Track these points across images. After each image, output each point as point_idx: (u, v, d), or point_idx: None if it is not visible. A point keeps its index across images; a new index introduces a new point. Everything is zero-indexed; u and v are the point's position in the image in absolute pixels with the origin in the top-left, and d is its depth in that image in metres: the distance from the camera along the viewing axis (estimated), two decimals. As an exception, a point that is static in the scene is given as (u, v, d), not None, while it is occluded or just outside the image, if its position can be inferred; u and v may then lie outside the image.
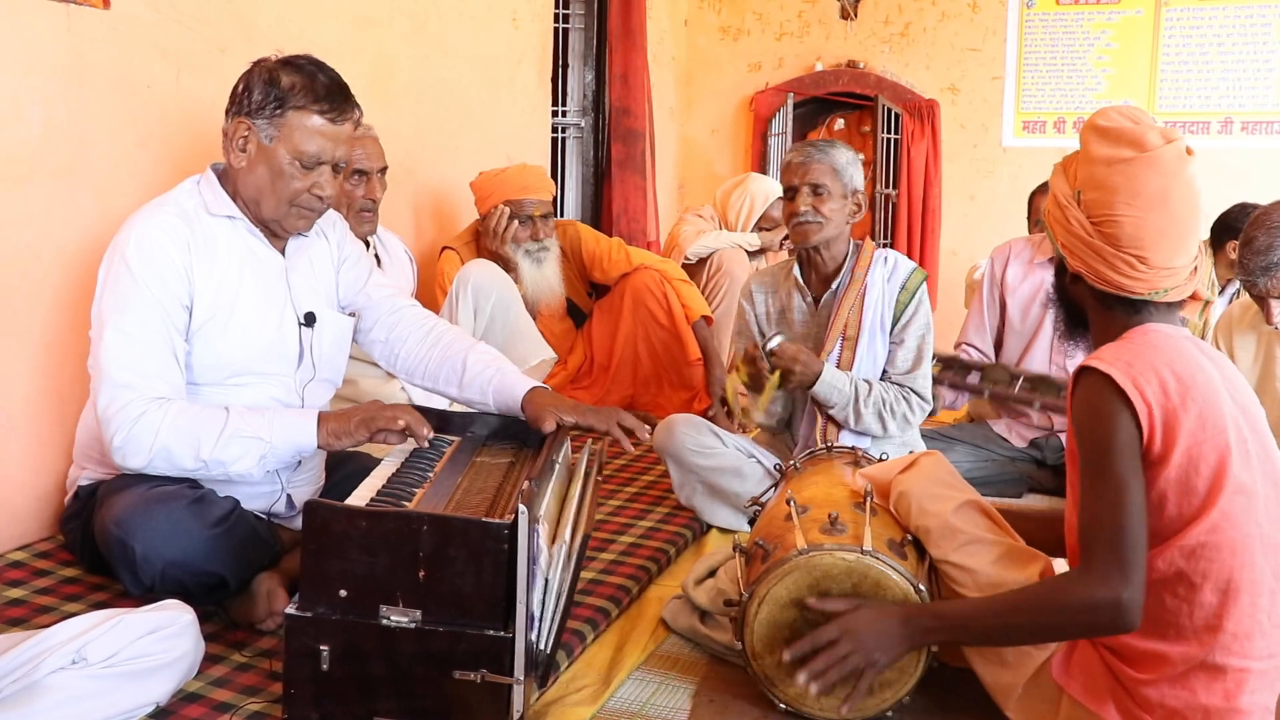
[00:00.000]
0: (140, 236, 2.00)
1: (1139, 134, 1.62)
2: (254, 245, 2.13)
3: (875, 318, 2.70)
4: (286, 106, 2.01)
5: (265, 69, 2.04)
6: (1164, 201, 1.60)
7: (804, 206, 2.67)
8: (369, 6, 3.43)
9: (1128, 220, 1.61)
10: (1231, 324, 3.09)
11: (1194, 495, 1.54)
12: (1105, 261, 1.63)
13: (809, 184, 2.67)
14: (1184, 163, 1.62)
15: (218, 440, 1.92)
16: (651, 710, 1.86)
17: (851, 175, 2.70)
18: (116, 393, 1.93)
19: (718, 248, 4.35)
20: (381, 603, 1.62)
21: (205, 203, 2.09)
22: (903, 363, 2.71)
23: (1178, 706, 1.54)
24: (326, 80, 2.04)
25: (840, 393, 2.62)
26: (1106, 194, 1.63)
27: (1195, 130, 5.28)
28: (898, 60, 5.76)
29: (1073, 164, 1.72)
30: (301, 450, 2.00)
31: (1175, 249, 1.62)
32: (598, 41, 5.08)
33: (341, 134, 2.07)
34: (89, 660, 1.63)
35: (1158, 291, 1.63)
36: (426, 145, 3.80)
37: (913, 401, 2.68)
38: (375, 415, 1.98)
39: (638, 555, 2.48)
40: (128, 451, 1.92)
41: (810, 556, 1.76)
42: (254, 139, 2.04)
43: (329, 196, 2.10)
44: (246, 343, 2.10)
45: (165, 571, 1.90)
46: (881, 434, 2.67)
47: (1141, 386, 1.53)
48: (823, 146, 2.71)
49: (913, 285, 2.72)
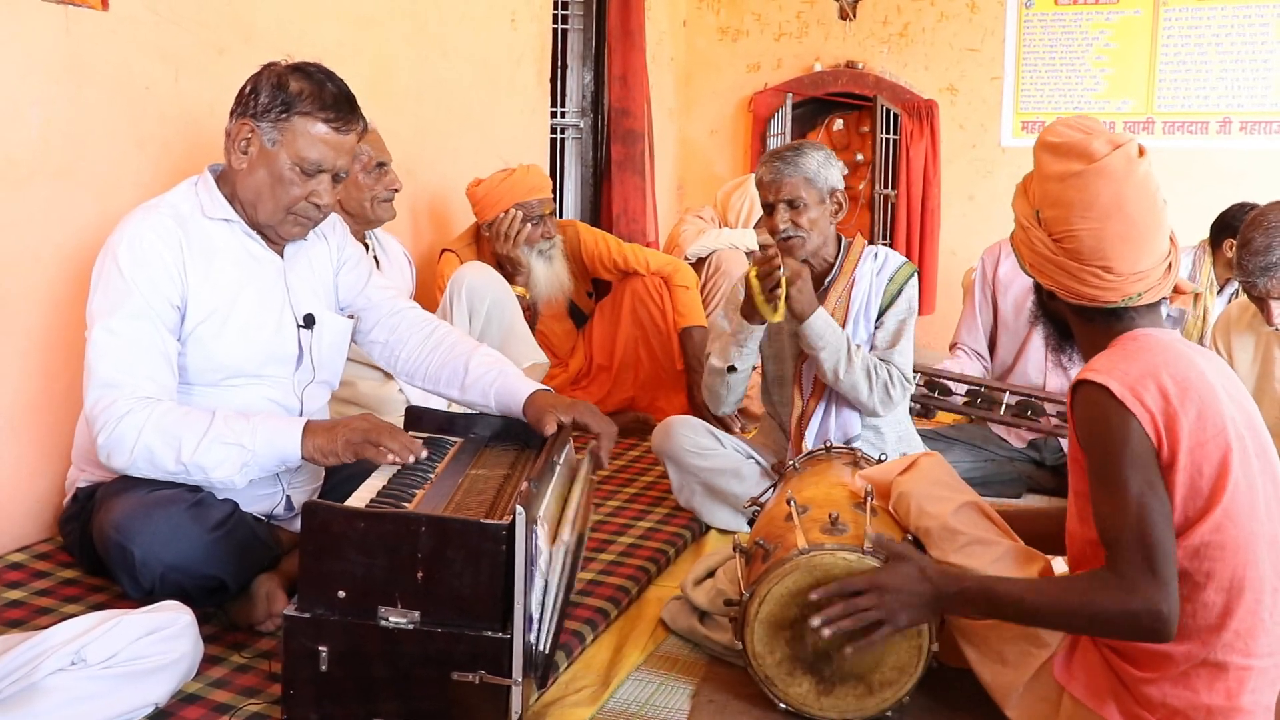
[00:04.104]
0: (132, 237, 1.99)
1: (1086, 145, 1.61)
2: (251, 248, 2.13)
3: (861, 307, 2.71)
4: (293, 111, 2.01)
5: (274, 73, 2.04)
6: (1119, 208, 1.59)
7: (783, 224, 2.66)
8: (368, 7, 3.43)
9: (1086, 233, 1.61)
10: (1230, 325, 3.08)
11: (1199, 495, 1.54)
12: (1073, 276, 1.64)
13: (784, 200, 2.65)
14: (1134, 165, 1.61)
15: (199, 444, 1.90)
16: (651, 711, 1.86)
17: (826, 177, 2.66)
18: (103, 391, 1.92)
19: (717, 247, 4.35)
20: (380, 604, 1.62)
21: (201, 205, 2.09)
22: (882, 342, 2.71)
23: (1180, 706, 1.54)
24: (334, 89, 2.05)
25: (835, 333, 2.60)
26: (1062, 210, 1.63)
27: (1194, 130, 5.29)
28: (896, 60, 5.76)
29: (1030, 184, 1.72)
30: (286, 460, 1.97)
31: (1139, 253, 1.61)
32: (597, 42, 5.08)
33: (345, 144, 2.07)
34: (88, 661, 1.63)
35: (1130, 297, 1.62)
36: (426, 146, 3.80)
37: (894, 374, 2.67)
38: (362, 444, 1.93)
39: (637, 556, 2.48)
40: (111, 450, 1.91)
41: (811, 556, 1.76)
42: (257, 141, 2.04)
43: (326, 205, 2.10)
44: (244, 344, 2.09)
45: (164, 575, 1.90)
46: (866, 397, 2.64)
47: (1140, 394, 1.53)
48: (789, 158, 2.66)
49: (900, 277, 2.72)
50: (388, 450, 1.91)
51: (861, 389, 2.64)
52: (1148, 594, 1.48)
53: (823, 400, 2.72)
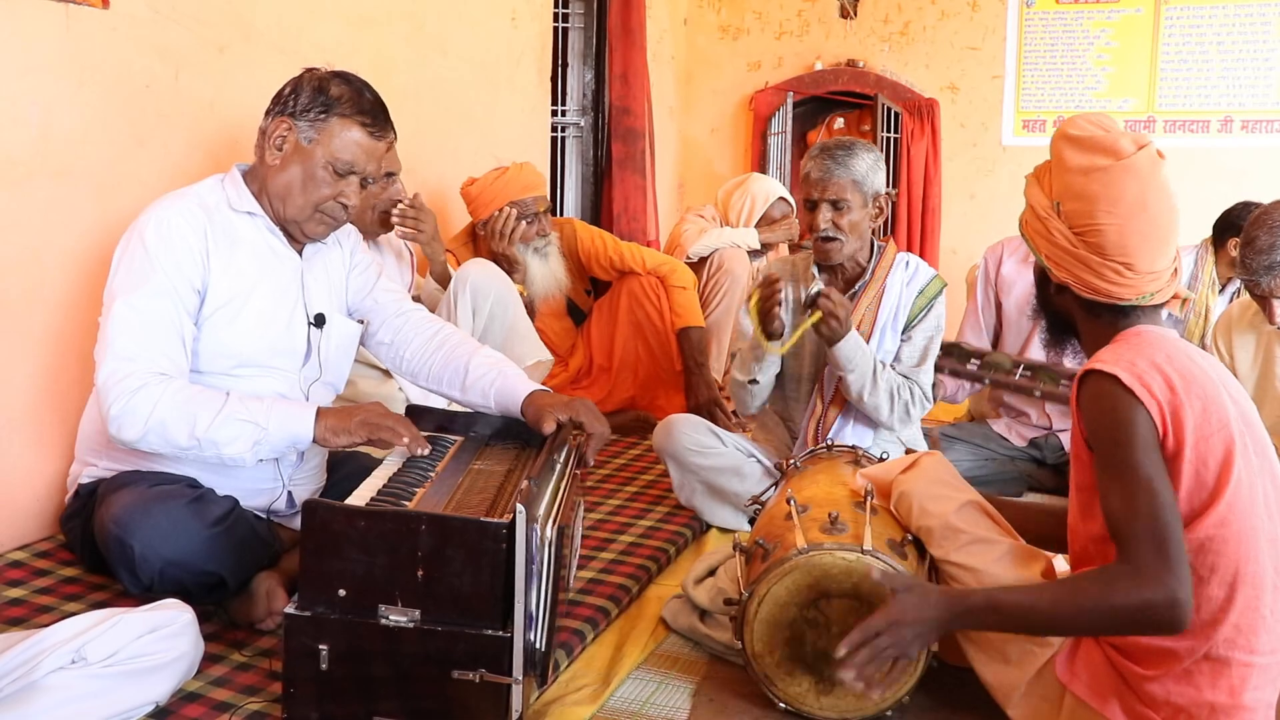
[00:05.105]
0: (160, 219, 2.03)
1: (1112, 141, 1.63)
2: (273, 243, 2.16)
3: (889, 317, 2.69)
4: (332, 113, 2.08)
5: (316, 77, 2.12)
6: (1143, 206, 1.61)
7: (824, 224, 2.62)
8: (368, 6, 3.43)
9: (1111, 228, 1.62)
10: (1231, 324, 3.08)
11: (1203, 488, 1.54)
12: (1092, 271, 1.64)
13: (829, 200, 2.61)
14: (1158, 166, 1.63)
15: (214, 420, 1.91)
16: (651, 709, 1.86)
17: (873, 181, 2.63)
18: (119, 364, 1.94)
19: (719, 246, 4.35)
20: (380, 602, 1.62)
21: (228, 198, 2.13)
22: (908, 358, 2.70)
23: (1183, 703, 1.54)
24: (371, 98, 2.13)
25: (864, 355, 2.58)
26: (1086, 203, 1.63)
27: (1195, 129, 5.29)
28: (897, 59, 5.76)
29: (1045, 175, 1.73)
30: (297, 442, 1.99)
31: (1157, 253, 1.63)
32: (597, 41, 5.08)
33: (377, 149, 2.14)
34: (88, 660, 1.63)
35: (1144, 296, 1.64)
36: (425, 145, 3.80)
37: (915, 393, 2.67)
38: (378, 422, 1.98)
39: (637, 554, 2.48)
40: (124, 422, 1.92)
41: (810, 556, 1.76)
42: (293, 138, 2.09)
43: (352, 207, 2.15)
44: (255, 335, 2.12)
45: (164, 570, 1.90)
46: (886, 417, 2.64)
47: (1148, 383, 1.54)
48: (841, 158, 2.60)
49: (930, 292, 2.71)
50: (402, 434, 1.96)
51: (883, 410, 2.64)
52: (1163, 582, 1.47)
53: (843, 409, 2.71)
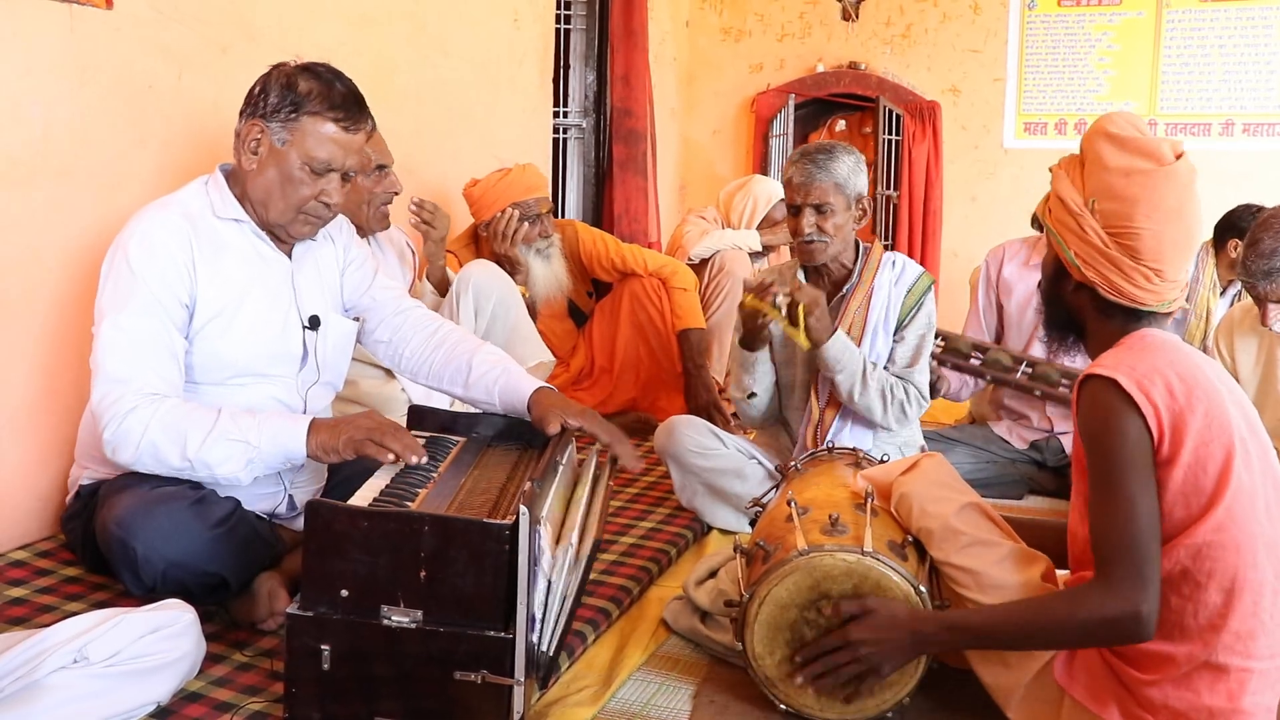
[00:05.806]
0: (143, 234, 2.00)
1: (1153, 146, 1.63)
2: (260, 248, 2.14)
3: (879, 318, 2.69)
4: (302, 111, 2.02)
5: (283, 73, 2.05)
6: (1180, 215, 1.62)
7: (808, 227, 2.63)
8: (369, 7, 3.43)
9: (1147, 232, 1.61)
10: (1233, 326, 3.08)
11: (1201, 494, 1.54)
12: (1122, 274, 1.64)
13: (811, 204, 2.62)
14: (1194, 177, 1.65)
15: (204, 440, 1.90)
16: (652, 711, 1.86)
17: (855, 184, 2.64)
18: (110, 387, 1.93)
19: (720, 248, 4.35)
20: (383, 603, 1.62)
21: (212, 204, 2.10)
22: (902, 358, 2.70)
23: (1181, 708, 1.54)
24: (343, 89, 2.06)
25: (852, 356, 2.58)
26: (1126, 205, 1.62)
27: (1196, 132, 5.28)
28: (899, 61, 5.76)
29: (1077, 169, 1.71)
30: (290, 458, 1.97)
31: (1184, 262, 1.64)
32: (599, 42, 5.08)
33: (354, 143, 2.08)
34: (90, 659, 1.63)
35: (1165, 303, 1.65)
36: (427, 146, 3.80)
37: (910, 392, 2.67)
38: (364, 441, 1.92)
39: (639, 556, 2.48)
40: (117, 445, 1.92)
41: (811, 557, 1.76)
42: (266, 141, 2.04)
43: (336, 204, 2.11)
44: (249, 343, 2.10)
45: (166, 572, 1.90)
46: (880, 417, 2.64)
47: (1148, 390, 1.53)
48: (822, 162, 2.61)
49: (919, 289, 2.71)
50: (389, 449, 1.90)
51: (876, 410, 2.64)
52: (1128, 597, 1.50)
53: (839, 411, 2.71)
